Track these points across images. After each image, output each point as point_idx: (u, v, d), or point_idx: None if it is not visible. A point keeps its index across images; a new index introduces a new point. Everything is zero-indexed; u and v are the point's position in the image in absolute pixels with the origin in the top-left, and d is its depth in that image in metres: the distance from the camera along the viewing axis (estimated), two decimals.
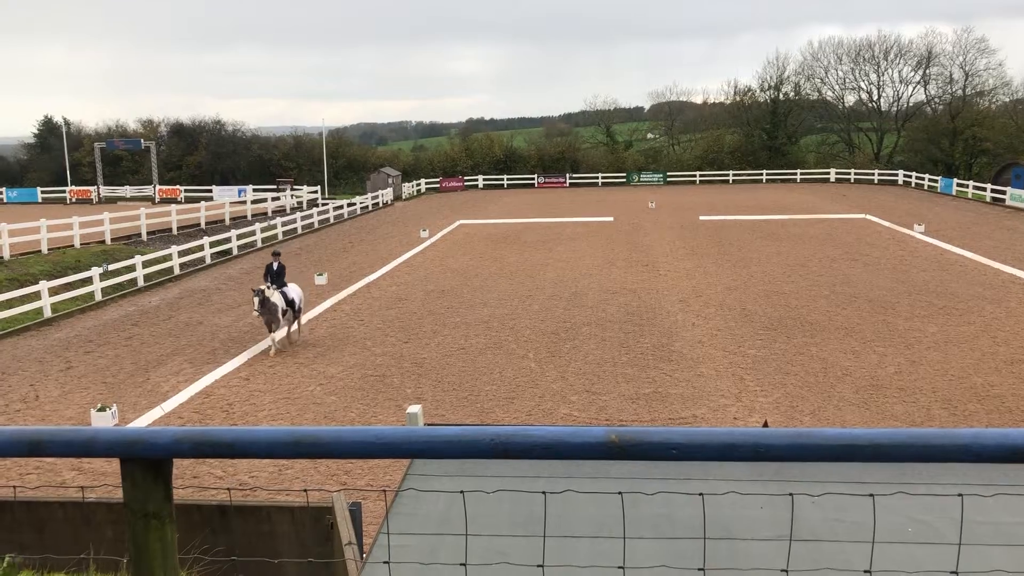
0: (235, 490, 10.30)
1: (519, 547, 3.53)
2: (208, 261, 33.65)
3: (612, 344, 19.41)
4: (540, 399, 15.68)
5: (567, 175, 76.12)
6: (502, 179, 75.65)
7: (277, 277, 19.87)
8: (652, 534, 3.61)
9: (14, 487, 8.84)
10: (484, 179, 75.68)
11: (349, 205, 53.40)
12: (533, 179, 75.60)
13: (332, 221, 48.75)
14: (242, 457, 2.15)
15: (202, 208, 45.34)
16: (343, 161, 78.08)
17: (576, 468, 4.10)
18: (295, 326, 20.57)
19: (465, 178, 75.50)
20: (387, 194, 61.25)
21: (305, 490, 8.32)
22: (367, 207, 56.53)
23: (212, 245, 34.53)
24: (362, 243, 39.38)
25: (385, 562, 3.83)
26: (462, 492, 2.51)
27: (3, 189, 69.47)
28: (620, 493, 2.45)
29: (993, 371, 16.81)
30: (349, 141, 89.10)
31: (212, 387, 17.01)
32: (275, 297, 19.13)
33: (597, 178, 75.52)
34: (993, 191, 52.37)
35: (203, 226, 43.41)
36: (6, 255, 29.87)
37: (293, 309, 19.88)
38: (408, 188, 67.90)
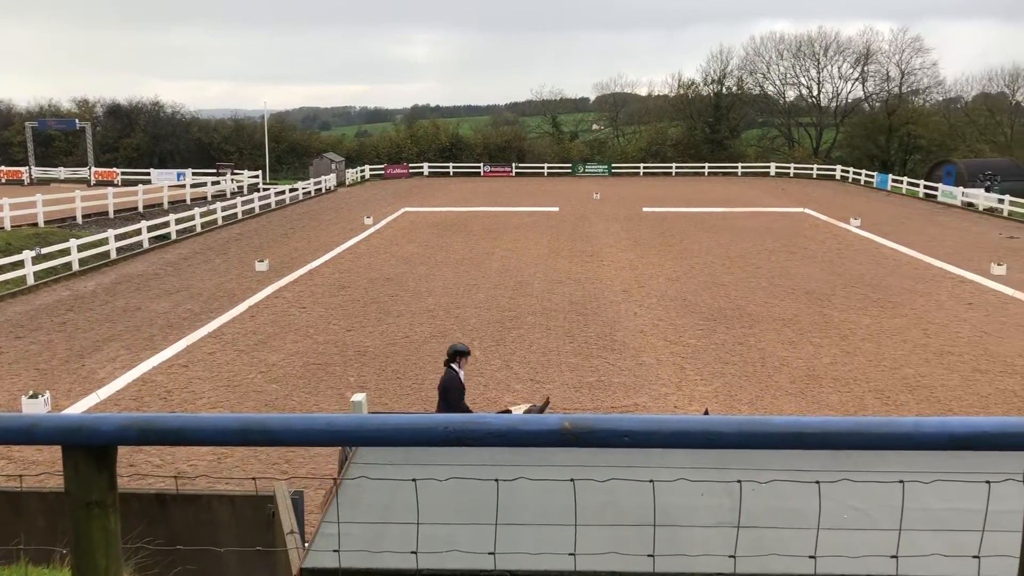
0: (180, 478, 10.13)
1: (466, 534, 3.53)
2: (146, 246, 32.86)
3: (557, 333, 19.51)
4: (484, 388, 15.70)
5: (513, 164, 76.11)
6: (448, 167, 75.32)
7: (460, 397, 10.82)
8: (599, 521, 3.65)
9: None
10: (429, 166, 75.27)
11: (291, 191, 52.65)
12: (479, 167, 75.42)
13: (273, 207, 48.01)
14: (190, 444, 2.11)
15: (140, 191, 44.27)
16: (285, 146, 76.96)
17: (523, 456, 4.11)
18: None
19: (410, 165, 74.97)
20: (330, 180, 60.53)
21: (255, 478, 8.22)
22: (309, 193, 55.81)
23: (150, 229, 33.73)
24: (304, 229, 38.88)
25: (328, 550, 3.80)
26: (414, 480, 2.50)
27: None
28: (572, 480, 2.47)
29: (923, 362, 17.33)
30: (292, 125, 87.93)
31: (150, 374, 16.65)
32: None
33: (543, 168, 75.67)
34: (926, 187, 53.88)
35: (141, 210, 42.39)
36: None
37: None
38: (352, 174, 67.20)
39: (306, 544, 6.52)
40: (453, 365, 10.62)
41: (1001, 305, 22.79)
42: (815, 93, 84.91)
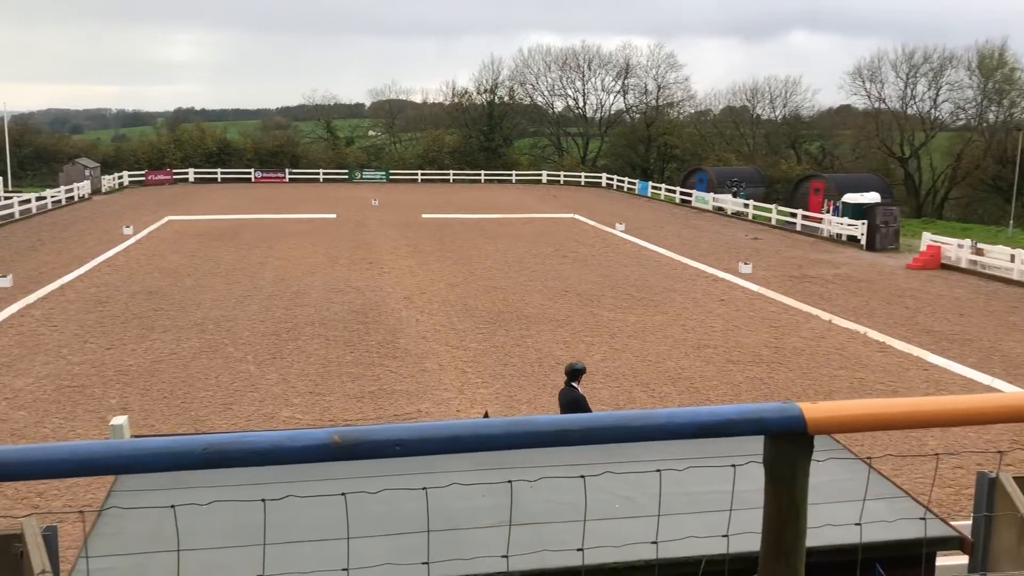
0: None
1: (238, 558, 3.37)
2: None
3: (337, 343, 19.17)
4: (260, 403, 15.12)
5: (287, 170, 74.02)
6: (216, 173, 72.00)
7: None
8: (377, 532, 3.60)
9: None
10: (195, 172, 71.57)
11: (38, 199, 48.18)
12: (250, 173, 72.69)
13: (17, 217, 43.73)
14: None
15: None
16: (30, 150, 70.48)
17: (298, 472, 3.98)
18: None
19: (174, 171, 70.93)
20: (84, 187, 56.04)
21: None
22: (60, 201, 51.36)
23: None
24: (54, 241, 35.73)
25: None
26: (172, 507, 2.34)
27: None
28: (343, 494, 2.41)
29: (683, 356, 18.65)
30: (37, 128, 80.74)
31: None
32: None
33: (318, 174, 74.16)
34: (681, 193, 58.10)
35: None
36: None
37: None
38: (108, 181, 62.61)
39: None
40: (574, 383, 10.88)
41: (748, 301, 25.00)
42: (581, 104, 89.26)
